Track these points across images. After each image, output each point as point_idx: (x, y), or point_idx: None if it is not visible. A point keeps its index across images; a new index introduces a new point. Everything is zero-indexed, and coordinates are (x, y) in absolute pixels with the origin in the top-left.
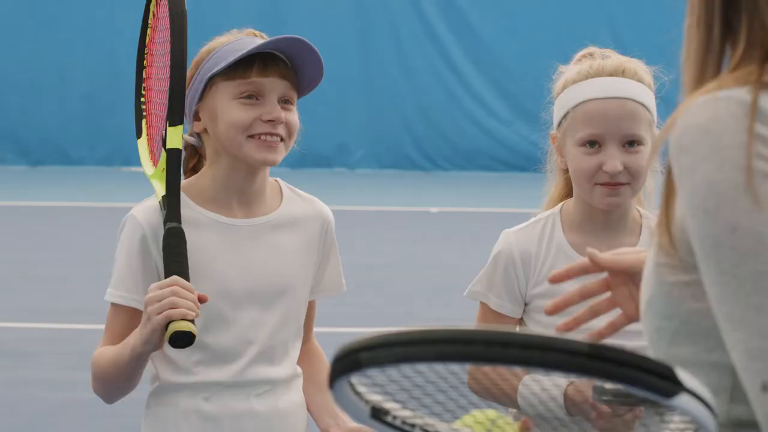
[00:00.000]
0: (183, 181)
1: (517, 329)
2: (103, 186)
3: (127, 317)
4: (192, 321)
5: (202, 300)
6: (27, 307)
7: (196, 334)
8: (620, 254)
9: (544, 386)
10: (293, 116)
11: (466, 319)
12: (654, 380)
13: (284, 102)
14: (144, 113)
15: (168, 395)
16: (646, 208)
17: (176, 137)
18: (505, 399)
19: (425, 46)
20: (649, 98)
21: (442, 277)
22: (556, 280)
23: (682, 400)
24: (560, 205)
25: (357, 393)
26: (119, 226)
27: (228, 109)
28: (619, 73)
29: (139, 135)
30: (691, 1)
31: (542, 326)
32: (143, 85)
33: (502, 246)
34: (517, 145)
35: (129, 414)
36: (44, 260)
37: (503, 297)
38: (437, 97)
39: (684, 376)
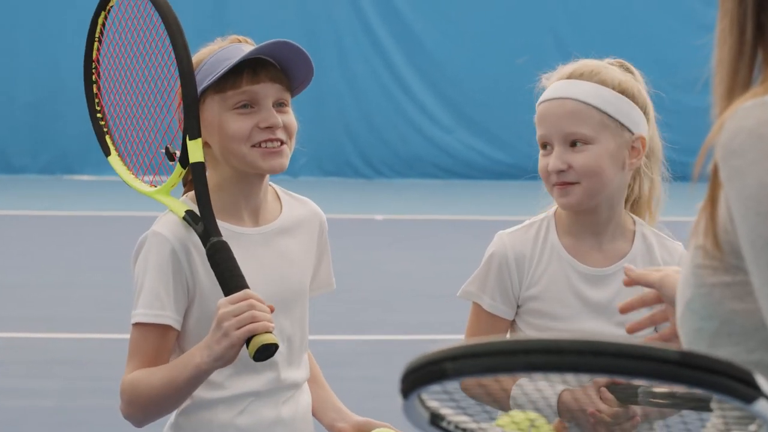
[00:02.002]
0: (190, 193)
1: (508, 334)
2: (45, 194)
3: (158, 336)
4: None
5: (270, 311)
6: None
7: (279, 344)
8: (648, 271)
9: (539, 388)
10: (290, 117)
11: (421, 324)
12: (739, 387)
13: (279, 105)
14: (105, 129)
15: (201, 412)
16: (655, 218)
17: (197, 150)
18: (502, 402)
19: (368, 54)
20: (603, 99)
21: (393, 283)
22: (625, 310)
23: (761, 405)
24: (554, 208)
25: (420, 399)
26: (137, 246)
27: (225, 122)
28: (576, 75)
29: (107, 152)
30: (723, 6)
31: (534, 329)
32: (96, 101)
33: (496, 247)
34: (459, 153)
35: (94, 422)
36: None
37: (496, 298)
38: (380, 104)
39: (762, 381)
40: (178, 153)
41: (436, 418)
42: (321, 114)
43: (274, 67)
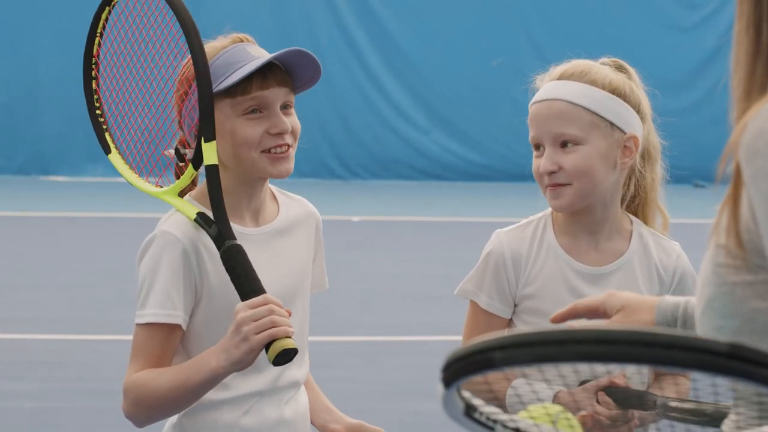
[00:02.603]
0: (192, 193)
1: (506, 331)
2: (21, 195)
3: (165, 336)
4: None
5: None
6: None
7: (299, 349)
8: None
9: (534, 390)
10: (295, 119)
11: (400, 325)
12: None
13: (285, 107)
14: (104, 127)
15: (206, 413)
16: (667, 219)
17: (212, 152)
18: (498, 402)
19: (344, 55)
20: (593, 99)
21: (371, 284)
22: (557, 320)
23: None
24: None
25: (457, 390)
26: (143, 246)
27: (235, 127)
28: (567, 76)
29: (107, 150)
30: (740, 7)
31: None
32: (95, 97)
33: (493, 246)
34: (434, 154)
35: (74, 423)
36: None
37: (493, 296)
38: (355, 105)
39: None
40: (188, 153)
41: (469, 409)
42: (296, 115)
43: (280, 70)
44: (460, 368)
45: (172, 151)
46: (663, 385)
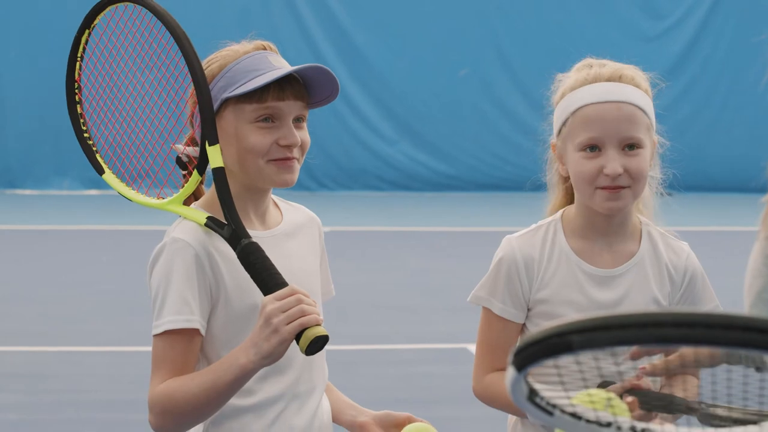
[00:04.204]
0: (200, 201)
1: (519, 339)
2: None
3: (185, 343)
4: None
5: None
6: None
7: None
8: None
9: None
10: (305, 134)
11: (375, 335)
12: None
13: (297, 120)
14: (94, 148)
15: (231, 421)
16: (647, 217)
17: (218, 156)
18: (513, 408)
19: None
20: (646, 103)
21: (343, 294)
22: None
23: None
24: (560, 211)
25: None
26: (153, 255)
27: (245, 134)
28: (616, 78)
29: (101, 171)
30: None
31: None
32: (81, 120)
33: (505, 251)
34: (402, 165)
35: None
36: None
37: (507, 302)
38: (323, 117)
39: None
40: (189, 152)
41: (532, 394)
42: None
43: (298, 83)
44: (535, 351)
45: (180, 147)
46: (672, 383)
